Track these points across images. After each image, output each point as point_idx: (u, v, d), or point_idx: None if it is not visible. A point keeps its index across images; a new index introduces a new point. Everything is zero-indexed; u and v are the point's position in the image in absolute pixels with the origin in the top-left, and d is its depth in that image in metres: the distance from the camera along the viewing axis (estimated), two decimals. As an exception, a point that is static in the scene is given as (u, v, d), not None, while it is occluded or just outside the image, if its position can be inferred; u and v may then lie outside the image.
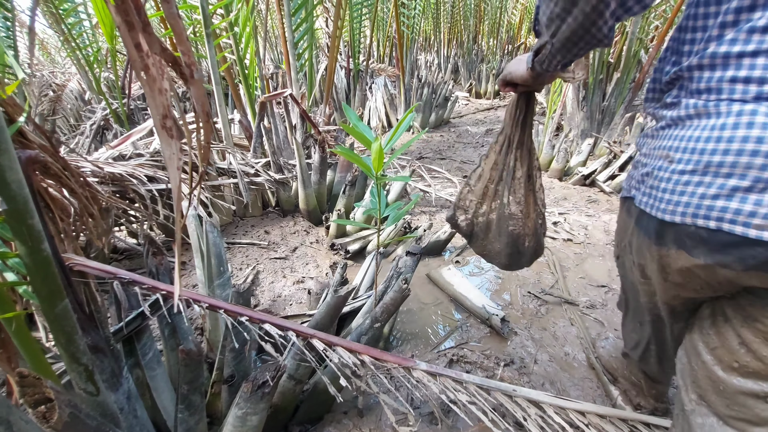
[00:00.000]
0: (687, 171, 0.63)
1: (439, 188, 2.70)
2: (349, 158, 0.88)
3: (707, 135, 0.61)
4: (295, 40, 2.58)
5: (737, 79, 0.58)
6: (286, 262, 2.02)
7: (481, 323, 1.62)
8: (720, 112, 0.60)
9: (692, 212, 0.62)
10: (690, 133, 0.64)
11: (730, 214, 0.58)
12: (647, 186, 0.72)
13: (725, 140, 0.59)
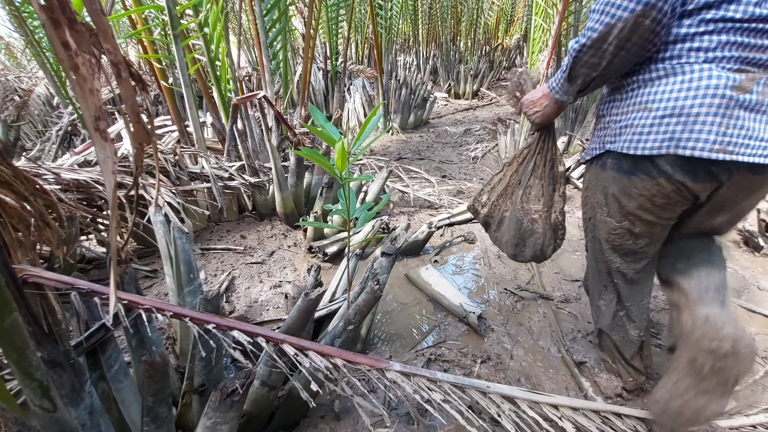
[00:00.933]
0: (666, 115, 0.86)
1: (418, 188, 2.71)
2: (313, 159, 0.87)
3: (678, 87, 0.85)
4: (269, 41, 2.55)
5: (692, 48, 0.84)
6: (262, 267, 1.99)
7: (459, 321, 1.63)
8: (684, 71, 0.84)
9: (674, 144, 0.85)
10: (663, 88, 0.87)
11: (701, 143, 0.82)
12: (629, 134, 0.91)
13: (693, 89, 0.83)
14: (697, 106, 0.82)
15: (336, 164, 0.87)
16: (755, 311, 1.66)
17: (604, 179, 1.01)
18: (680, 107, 0.84)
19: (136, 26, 2.22)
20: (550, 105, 1.08)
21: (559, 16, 2.65)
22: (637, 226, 1.01)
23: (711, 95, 0.81)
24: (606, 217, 1.05)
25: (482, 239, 2.26)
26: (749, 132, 0.81)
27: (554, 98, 1.05)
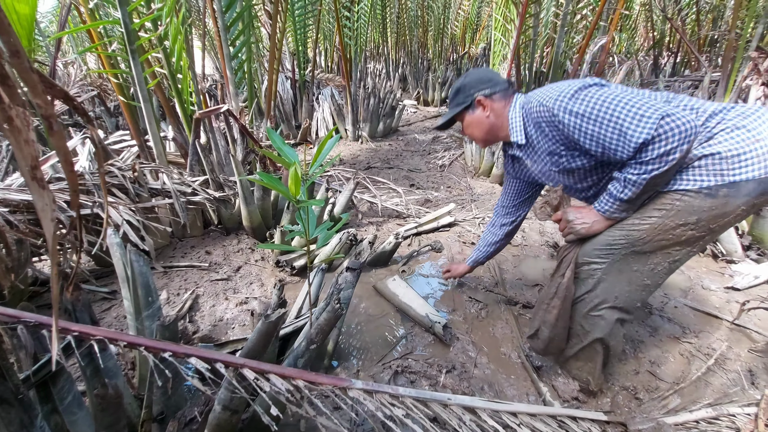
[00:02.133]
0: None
1: (385, 198, 2.74)
2: (268, 185, 0.87)
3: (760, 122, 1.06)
4: (232, 54, 2.52)
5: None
6: (228, 283, 1.96)
7: (425, 332, 1.66)
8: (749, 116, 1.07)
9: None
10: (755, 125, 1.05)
11: None
12: (754, 162, 1.03)
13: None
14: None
15: (290, 188, 0.88)
16: (699, 310, 1.78)
17: (706, 205, 1.09)
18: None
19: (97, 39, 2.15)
20: (600, 221, 1.21)
21: (516, 30, 2.76)
22: (706, 242, 1.16)
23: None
24: (687, 232, 1.12)
25: (449, 247, 2.31)
26: None
27: (605, 217, 1.19)
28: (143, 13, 2.13)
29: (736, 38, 3.92)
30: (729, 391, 1.36)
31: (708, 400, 1.32)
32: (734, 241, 2.09)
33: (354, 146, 4.44)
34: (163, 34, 2.17)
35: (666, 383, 1.40)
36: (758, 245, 2.13)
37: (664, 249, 1.15)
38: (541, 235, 2.41)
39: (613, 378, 1.41)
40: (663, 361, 1.50)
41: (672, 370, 1.46)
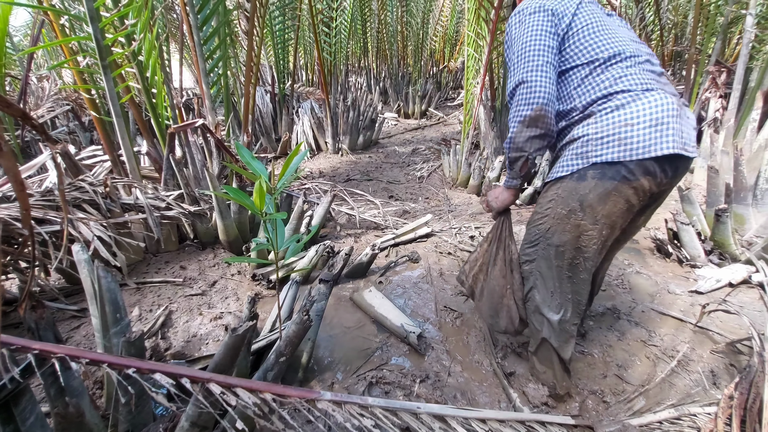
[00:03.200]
0: (647, 126, 1.06)
1: (363, 210, 2.76)
2: (234, 199, 0.89)
3: (648, 107, 1.07)
4: (208, 69, 2.53)
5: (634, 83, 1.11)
6: (203, 299, 1.93)
7: (400, 342, 1.67)
8: (642, 97, 1.09)
9: (656, 148, 1.05)
10: (636, 108, 1.08)
11: (671, 143, 1.05)
12: (615, 145, 1.09)
13: (660, 107, 1.07)
14: (666, 118, 1.06)
15: (255, 202, 0.89)
16: (665, 313, 1.84)
17: (582, 189, 1.15)
18: (656, 119, 1.07)
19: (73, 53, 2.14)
20: (503, 192, 1.37)
21: (488, 47, 2.86)
22: (605, 229, 1.18)
23: (671, 110, 1.07)
24: (580, 221, 1.18)
25: (425, 258, 2.34)
26: (689, 133, 1.11)
27: (507, 187, 1.35)
28: (117, 28, 2.13)
29: (697, 53, 4.14)
30: (691, 392, 1.41)
31: (672, 401, 1.37)
32: (697, 246, 2.18)
33: (334, 159, 4.47)
34: (137, 50, 2.17)
35: (632, 386, 1.44)
36: (719, 250, 2.22)
37: (571, 242, 1.21)
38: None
39: (582, 382, 1.45)
40: (630, 364, 1.55)
41: (638, 372, 1.51)
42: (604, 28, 1.19)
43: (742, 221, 2.36)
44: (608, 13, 1.27)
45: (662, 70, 1.18)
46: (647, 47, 1.22)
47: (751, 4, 3.05)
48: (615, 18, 1.26)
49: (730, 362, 1.54)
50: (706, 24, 4.26)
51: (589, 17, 1.20)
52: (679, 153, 1.06)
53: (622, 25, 1.25)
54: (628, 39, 1.19)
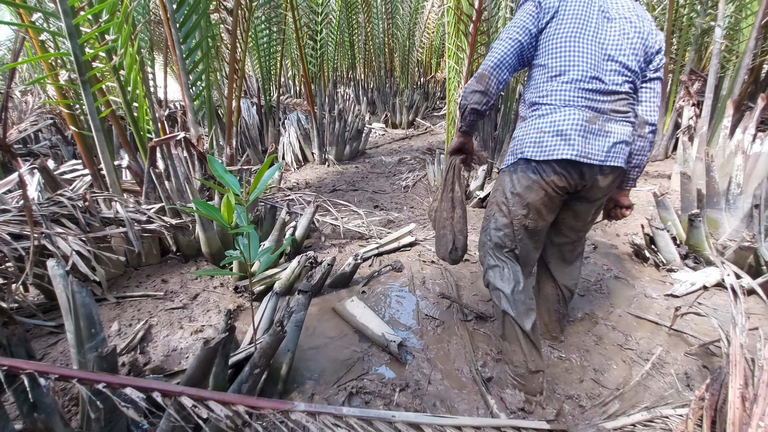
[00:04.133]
0: (554, 135, 1.27)
1: (347, 221, 2.78)
2: (202, 214, 0.90)
3: (558, 119, 1.27)
4: (191, 82, 2.55)
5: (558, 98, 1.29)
6: (184, 312, 1.92)
7: (382, 351, 1.67)
8: (558, 111, 1.28)
9: (556, 153, 1.26)
10: (550, 119, 1.29)
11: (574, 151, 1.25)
12: (533, 146, 1.31)
13: (568, 120, 1.26)
14: (569, 129, 1.25)
15: (223, 215, 0.91)
16: (642, 317, 1.88)
17: (514, 180, 1.38)
18: (561, 130, 1.26)
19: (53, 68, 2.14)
20: (457, 135, 1.55)
21: (468, 59, 2.93)
22: (532, 214, 1.38)
23: (577, 125, 1.25)
24: (511, 207, 1.40)
25: (409, 266, 2.36)
26: (597, 146, 1.26)
27: (457, 131, 1.53)
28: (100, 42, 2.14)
29: (671, 63, 4.27)
30: (665, 394, 1.44)
31: (646, 403, 1.39)
32: (672, 251, 2.23)
33: (320, 169, 4.49)
34: (118, 64, 2.18)
35: (608, 389, 1.46)
36: (694, 254, 2.28)
37: (508, 224, 1.43)
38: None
39: (559, 387, 1.47)
40: (606, 368, 1.57)
41: (614, 376, 1.53)
42: (572, 39, 1.27)
43: (716, 225, 2.42)
44: (609, 15, 1.29)
45: (616, 89, 1.27)
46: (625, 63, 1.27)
47: (719, 17, 3.18)
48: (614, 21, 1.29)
49: (703, 364, 1.57)
50: (681, 35, 4.41)
51: (566, 22, 1.28)
52: (577, 159, 1.25)
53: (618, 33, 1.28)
54: (590, 57, 1.26)
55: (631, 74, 1.29)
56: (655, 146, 4.50)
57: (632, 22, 1.30)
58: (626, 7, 1.32)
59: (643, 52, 1.30)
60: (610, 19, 1.29)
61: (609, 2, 1.31)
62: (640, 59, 1.30)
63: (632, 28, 1.29)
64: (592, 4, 1.30)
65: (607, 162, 1.28)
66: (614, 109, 1.28)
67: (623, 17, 1.30)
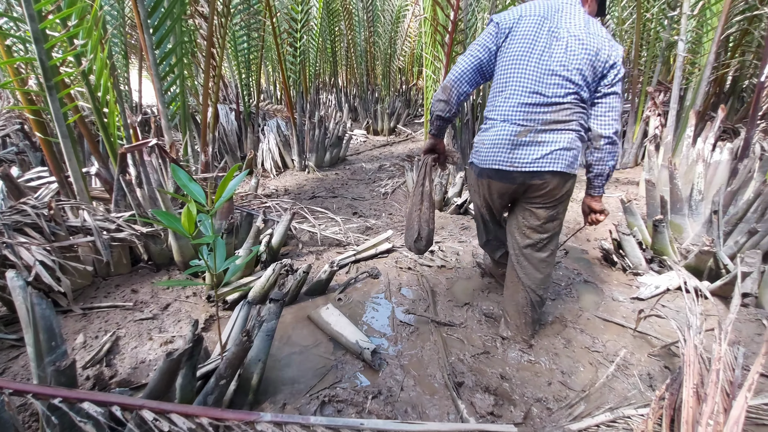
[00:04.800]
0: (486, 146, 1.52)
1: (325, 228, 2.78)
2: (164, 224, 0.89)
3: (494, 132, 1.49)
4: (164, 88, 2.52)
5: (498, 114, 1.49)
6: (154, 323, 1.88)
7: (356, 359, 1.68)
8: (495, 125, 1.49)
9: (491, 161, 1.51)
10: (489, 133, 1.51)
11: (502, 160, 1.48)
12: (475, 153, 1.59)
13: (499, 134, 1.47)
14: (498, 142, 1.48)
15: (184, 226, 0.90)
16: (609, 320, 1.94)
17: (471, 175, 1.69)
18: (492, 143, 1.49)
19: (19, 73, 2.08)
20: (428, 138, 1.82)
21: (444, 69, 2.99)
22: (485, 203, 1.73)
23: (504, 139, 1.46)
24: (473, 195, 1.79)
25: (386, 273, 2.37)
26: (526, 155, 1.45)
27: (429, 134, 1.80)
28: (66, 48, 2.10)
29: (639, 74, 4.45)
30: (628, 395, 1.48)
31: (611, 404, 1.43)
32: (638, 255, 2.31)
33: (300, 176, 4.48)
34: (87, 69, 2.14)
35: (575, 392, 1.50)
36: (659, 258, 2.37)
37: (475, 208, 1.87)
38: (473, 257, 2.53)
39: (528, 391, 1.50)
40: (574, 370, 1.62)
41: (581, 378, 1.58)
42: (518, 58, 1.43)
43: (679, 230, 2.53)
44: (559, 35, 1.39)
45: (557, 101, 1.40)
46: (569, 77, 1.38)
47: (682, 31, 3.34)
48: (561, 40, 1.38)
49: (665, 365, 1.63)
50: (648, 48, 4.60)
51: (516, 42, 1.44)
52: (504, 169, 1.49)
53: (564, 50, 1.38)
54: (532, 74, 1.40)
55: (575, 86, 1.38)
56: (625, 154, 4.67)
57: (581, 39, 1.37)
58: (578, 25, 1.39)
59: (591, 66, 1.37)
60: (558, 38, 1.39)
61: (561, 21, 1.40)
62: (586, 73, 1.38)
63: (579, 45, 1.37)
64: (542, 25, 1.41)
65: (538, 168, 1.43)
66: (555, 119, 1.41)
67: (572, 35, 1.38)
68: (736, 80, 5.46)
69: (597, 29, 1.40)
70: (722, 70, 4.61)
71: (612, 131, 1.44)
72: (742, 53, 4.82)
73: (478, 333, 1.84)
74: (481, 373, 1.59)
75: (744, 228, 2.24)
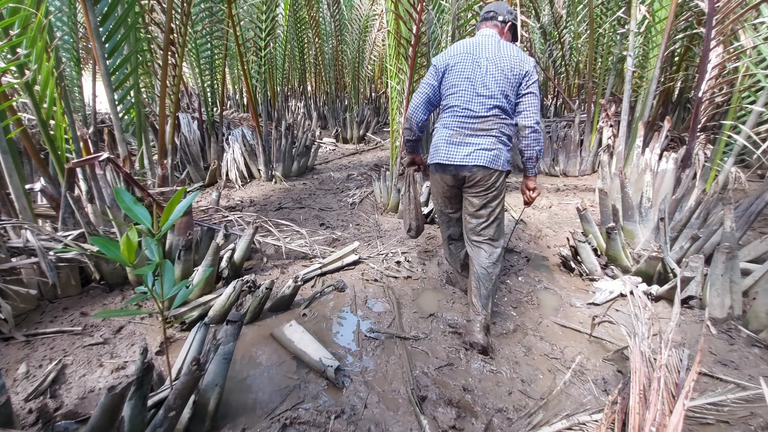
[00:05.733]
0: (433, 146, 1.95)
1: (290, 241, 2.73)
2: (104, 252, 0.85)
3: (438, 135, 1.94)
4: (117, 99, 2.42)
5: (441, 122, 1.94)
6: (105, 348, 1.78)
7: (319, 377, 1.65)
8: (438, 130, 1.94)
9: (433, 158, 1.95)
10: (436, 135, 1.95)
11: (442, 156, 1.89)
12: (429, 154, 1.98)
13: (440, 136, 1.92)
14: (439, 143, 1.91)
15: (123, 255, 0.86)
16: (566, 326, 2.01)
17: (431, 176, 2.06)
18: (436, 144, 1.93)
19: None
20: (407, 156, 2.27)
21: (408, 80, 3.03)
22: (439, 197, 2.09)
23: (445, 140, 1.89)
24: (432, 188, 2.13)
25: (352, 286, 2.36)
26: (457, 152, 1.85)
27: (406, 152, 2.23)
28: (6, 59, 1.98)
29: (594, 87, 4.68)
30: (584, 401, 1.54)
31: (568, 411, 1.48)
32: (593, 261, 2.42)
33: (267, 186, 4.40)
34: (31, 80, 2.02)
35: (534, 400, 1.54)
36: (613, 263, 2.48)
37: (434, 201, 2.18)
38: (439, 267, 2.56)
39: (490, 402, 1.52)
40: (534, 378, 1.66)
41: (540, 386, 1.62)
42: (453, 88, 1.87)
43: (632, 236, 2.66)
44: (481, 65, 1.82)
45: (484, 114, 1.82)
46: (491, 95, 1.80)
47: (630, 47, 3.55)
48: (482, 68, 1.82)
49: (618, 369, 1.71)
50: (601, 62, 4.85)
51: (452, 75, 1.88)
52: (443, 162, 1.88)
53: (485, 75, 1.81)
54: (464, 96, 1.84)
55: (496, 101, 1.81)
56: (583, 162, 4.88)
57: (496, 64, 1.80)
58: (493, 52, 1.82)
59: (508, 82, 1.80)
60: (480, 66, 1.82)
61: (481, 53, 1.83)
62: (505, 88, 1.80)
63: (496, 69, 1.80)
64: (468, 59, 1.84)
65: (466, 162, 1.83)
66: (481, 128, 1.84)
67: (491, 62, 1.81)
68: (682, 92, 5.85)
69: (509, 51, 1.82)
70: (668, 83, 4.93)
71: (533, 122, 1.83)
72: (685, 68, 5.17)
73: (443, 344, 1.86)
74: (445, 385, 1.61)
75: (688, 234, 2.39)
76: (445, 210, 2.12)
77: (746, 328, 1.94)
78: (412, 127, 2.02)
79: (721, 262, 2.00)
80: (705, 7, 2.47)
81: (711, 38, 2.49)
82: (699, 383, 1.65)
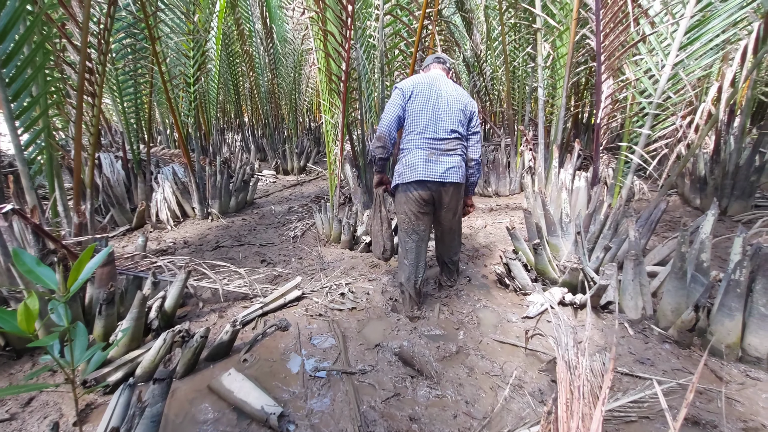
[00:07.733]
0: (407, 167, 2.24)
1: (228, 282, 2.62)
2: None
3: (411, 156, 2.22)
4: (24, 144, 2.22)
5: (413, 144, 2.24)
6: (11, 425, 1.56)
7: (262, 427, 1.57)
8: (412, 151, 2.23)
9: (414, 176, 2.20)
10: (408, 156, 2.24)
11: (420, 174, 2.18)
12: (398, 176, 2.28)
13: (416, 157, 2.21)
14: (416, 162, 2.18)
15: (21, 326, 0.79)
16: (504, 342, 2.11)
17: (399, 198, 2.32)
18: (411, 164, 2.20)
19: None
20: (374, 176, 2.46)
21: (341, 114, 3.12)
22: (409, 217, 2.29)
23: (419, 160, 2.18)
24: (401, 214, 2.33)
25: (295, 324, 2.30)
26: (435, 169, 2.17)
27: (375, 172, 2.44)
28: None
29: (514, 114, 5.13)
30: (523, 414, 1.61)
31: (509, 426, 1.54)
32: (525, 276, 2.59)
33: (203, 225, 4.20)
34: None
35: (477, 420, 1.59)
36: (542, 277, 2.67)
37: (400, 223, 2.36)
38: (383, 294, 2.59)
39: (436, 428, 1.54)
40: (477, 398, 1.71)
41: (483, 405, 1.68)
42: (420, 112, 2.20)
43: (557, 250, 2.89)
44: (441, 95, 2.21)
45: (446, 137, 2.19)
46: (451, 121, 2.20)
47: (539, 79, 3.96)
48: (443, 98, 2.21)
49: (552, 378, 1.82)
50: (518, 91, 5.36)
51: (417, 100, 2.20)
52: (423, 179, 2.16)
53: (446, 104, 2.20)
54: (429, 120, 2.19)
55: (455, 127, 2.20)
56: (512, 182, 5.26)
57: (455, 97, 2.24)
58: (451, 88, 2.26)
59: (463, 113, 2.24)
60: (441, 96, 2.21)
61: (441, 86, 2.23)
62: (461, 118, 2.24)
63: (455, 101, 2.23)
64: (431, 88, 2.21)
65: (443, 179, 2.18)
66: (447, 148, 2.20)
67: (450, 95, 2.23)
68: (590, 116, 6.59)
69: (460, 90, 2.28)
70: (575, 109, 5.53)
71: (478, 156, 2.35)
72: (589, 96, 5.86)
73: (389, 375, 1.86)
74: (392, 417, 1.61)
75: (602, 244, 2.65)
76: (417, 228, 2.31)
77: (657, 326, 2.17)
78: (385, 144, 2.22)
79: (631, 268, 2.25)
80: (594, 45, 2.86)
81: (602, 72, 2.87)
82: (622, 383, 1.80)
